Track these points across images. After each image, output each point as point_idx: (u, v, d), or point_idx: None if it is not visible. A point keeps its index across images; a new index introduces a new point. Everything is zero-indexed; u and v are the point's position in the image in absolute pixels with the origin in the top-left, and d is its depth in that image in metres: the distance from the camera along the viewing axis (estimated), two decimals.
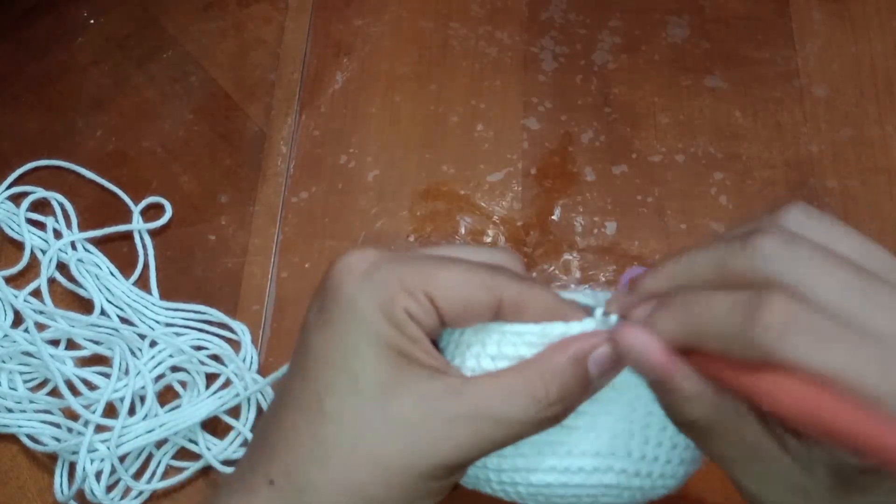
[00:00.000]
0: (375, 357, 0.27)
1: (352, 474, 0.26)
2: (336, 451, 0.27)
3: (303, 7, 0.64)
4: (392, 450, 0.26)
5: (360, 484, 0.26)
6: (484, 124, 0.59)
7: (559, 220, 0.56)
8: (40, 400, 0.51)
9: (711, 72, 0.59)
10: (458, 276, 0.27)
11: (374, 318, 0.27)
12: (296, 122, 0.60)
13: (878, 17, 0.60)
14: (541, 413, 0.27)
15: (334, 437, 0.27)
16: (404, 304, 0.27)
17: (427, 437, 0.26)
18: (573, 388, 0.28)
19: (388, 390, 0.27)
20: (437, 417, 0.26)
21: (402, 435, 0.26)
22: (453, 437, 0.26)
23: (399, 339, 0.27)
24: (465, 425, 0.26)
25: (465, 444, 0.26)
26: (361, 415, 0.27)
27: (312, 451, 0.27)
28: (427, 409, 0.26)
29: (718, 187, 0.56)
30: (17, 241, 0.57)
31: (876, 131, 0.56)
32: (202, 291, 0.55)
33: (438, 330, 0.28)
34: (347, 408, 0.27)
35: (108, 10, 0.65)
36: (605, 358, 0.28)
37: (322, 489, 0.26)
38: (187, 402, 0.51)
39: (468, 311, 0.27)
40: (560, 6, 0.62)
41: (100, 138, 0.61)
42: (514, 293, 0.28)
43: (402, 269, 0.27)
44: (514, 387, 0.27)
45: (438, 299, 0.27)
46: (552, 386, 0.27)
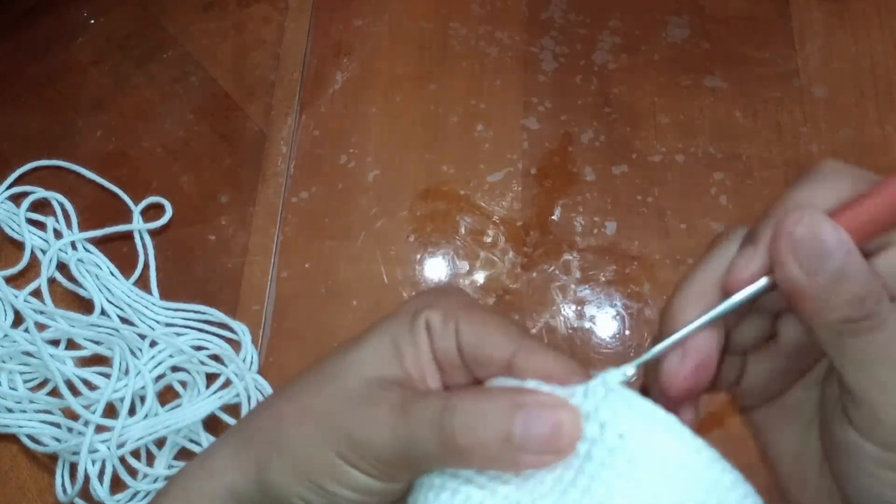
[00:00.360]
0: (374, 347, 0.27)
1: (299, 452, 0.26)
2: (296, 419, 0.27)
3: (303, 7, 0.64)
4: (325, 426, 0.26)
5: (303, 462, 0.26)
6: (484, 124, 0.59)
7: (559, 220, 0.56)
8: (40, 400, 0.51)
9: (711, 72, 0.59)
10: (492, 317, 0.27)
11: (400, 321, 0.27)
12: (296, 122, 0.60)
13: (878, 17, 0.60)
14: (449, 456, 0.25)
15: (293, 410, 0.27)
16: (428, 315, 0.27)
17: (349, 417, 0.26)
18: (490, 447, 0.24)
19: (353, 375, 0.27)
20: (379, 409, 0.26)
21: (340, 416, 0.26)
22: (369, 425, 0.25)
23: (403, 335, 0.27)
24: (398, 428, 0.25)
25: (400, 444, 0.25)
26: (318, 393, 0.27)
27: (270, 427, 0.27)
28: (364, 395, 0.26)
29: (718, 187, 0.56)
30: (17, 241, 0.57)
31: (876, 131, 0.56)
32: (202, 291, 0.55)
33: (455, 361, 0.27)
34: (313, 388, 0.27)
35: (108, 10, 0.65)
36: (535, 423, 0.24)
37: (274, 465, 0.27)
38: (187, 402, 0.51)
39: (483, 354, 0.26)
40: (560, 6, 0.62)
41: (100, 138, 0.61)
42: (533, 345, 0.26)
43: (454, 298, 0.27)
44: (397, 420, 0.25)
45: (463, 330, 0.26)
46: (434, 435, 0.25)
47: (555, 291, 0.54)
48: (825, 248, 0.23)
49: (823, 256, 0.23)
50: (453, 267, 0.55)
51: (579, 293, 0.54)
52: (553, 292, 0.54)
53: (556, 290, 0.54)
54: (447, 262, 0.55)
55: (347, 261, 0.56)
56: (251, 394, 0.51)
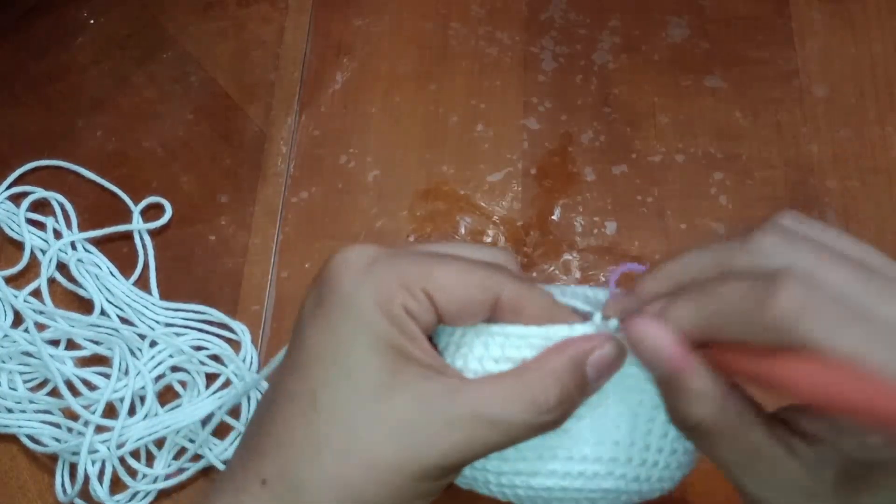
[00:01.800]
0: (372, 354, 0.26)
1: (344, 473, 0.26)
2: (329, 450, 0.26)
3: (303, 7, 0.64)
4: (386, 450, 0.26)
5: (353, 483, 0.26)
6: (484, 124, 0.59)
7: (559, 220, 0.56)
8: (40, 400, 0.51)
9: (711, 72, 0.59)
10: (456, 273, 0.27)
11: (372, 315, 0.26)
12: (296, 122, 0.60)
13: (878, 17, 0.60)
14: (539, 418, 0.27)
15: (327, 435, 0.26)
16: (402, 301, 0.26)
17: (422, 437, 0.26)
18: (572, 393, 0.27)
19: (384, 388, 0.26)
20: (434, 418, 0.26)
21: (397, 434, 0.26)
22: (449, 438, 0.26)
23: (396, 336, 0.26)
24: (461, 427, 0.26)
25: (462, 447, 0.26)
26: (356, 413, 0.26)
27: (305, 448, 0.27)
28: (424, 409, 0.26)
29: (718, 187, 0.56)
30: (17, 241, 0.57)
31: (876, 131, 0.56)
32: (202, 291, 0.55)
33: (434, 327, 0.28)
34: (342, 405, 0.26)
35: (108, 10, 0.65)
36: (604, 361, 0.28)
37: (314, 488, 0.26)
38: (187, 402, 0.51)
39: (466, 310, 0.27)
40: (560, 6, 0.62)
41: (100, 138, 0.61)
42: (513, 293, 0.28)
43: (400, 266, 0.27)
44: (513, 390, 0.27)
45: (436, 297, 0.27)
46: (551, 390, 0.27)
47: None
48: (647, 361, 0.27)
49: (648, 366, 0.27)
50: None
51: None
52: None
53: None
54: None
55: None
56: (251, 394, 0.51)
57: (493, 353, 0.29)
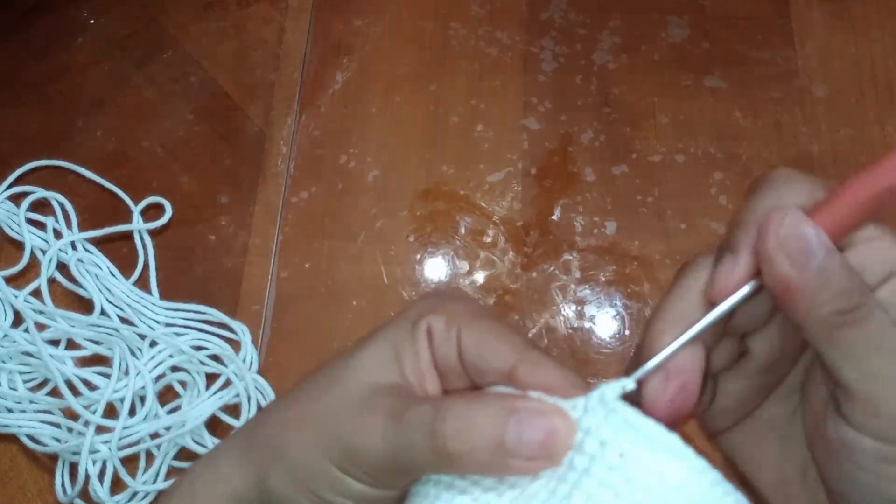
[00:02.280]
0: (374, 352, 0.27)
1: (298, 460, 0.26)
2: (289, 432, 0.27)
3: (303, 7, 0.64)
4: (322, 433, 0.26)
5: (301, 471, 0.26)
6: (484, 124, 0.59)
7: (559, 220, 0.56)
8: (40, 400, 0.51)
9: (711, 72, 0.59)
10: (496, 325, 0.27)
11: (402, 326, 0.27)
12: (296, 122, 0.60)
13: (878, 17, 0.60)
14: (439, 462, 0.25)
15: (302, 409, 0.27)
16: (430, 321, 0.26)
17: (345, 425, 0.26)
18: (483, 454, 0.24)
19: (353, 381, 0.27)
20: (345, 420, 0.26)
21: (338, 423, 0.26)
22: (363, 433, 0.25)
23: (404, 342, 0.27)
24: (392, 433, 0.25)
25: (391, 448, 0.25)
26: (318, 399, 0.27)
27: (272, 434, 0.27)
28: (346, 407, 0.26)
29: (718, 187, 0.56)
30: (17, 241, 0.57)
31: (876, 131, 0.56)
32: (202, 291, 0.55)
33: (456, 368, 0.27)
34: (313, 395, 0.27)
35: (108, 10, 0.65)
36: (533, 427, 0.24)
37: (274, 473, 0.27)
38: (187, 403, 0.51)
39: (484, 363, 0.26)
40: (560, 6, 0.62)
41: (100, 138, 0.61)
42: (535, 355, 0.26)
43: (459, 304, 0.27)
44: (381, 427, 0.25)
45: (465, 338, 0.26)
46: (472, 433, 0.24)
47: (555, 291, 0.54)
48: (810, 244, 0.24)
49: (809, 252, 0.24)
50: (453, 267, 0.55)
51: (579, 293, 0.54)
52: (553, 292, 0.54)
53: (556, 290, 0.54)
54: (447, 263, 0.55)
55: (347, 261, 0.56)
56: (251, 394, 0.51)
57: None
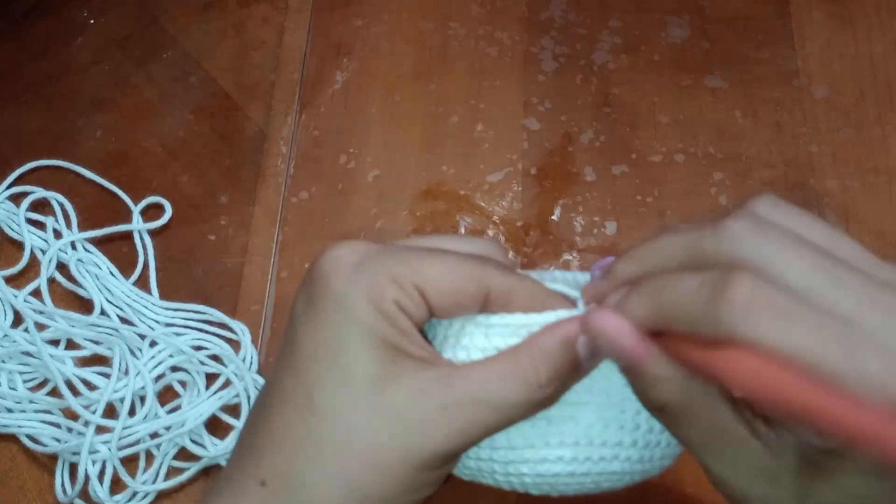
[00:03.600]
0: (366, 350, 0.27)
1: (346, 469, 0.26)
2: (329, 447, 0.26)
3: (303, 7, 0.64)
4: (386, 442, 0.26)
5: (355, 479, 0.26)
6: (484, 124, 0.59)
7: (559, 220, 0.56)
8: (40, 400, 0.51)
9: (711, 72, 0.59)
10: (447, 267, 0.27)
11: (365, 312, 0.27)
12: (296, 122, 0.60)
13: (878, 17, 0.60)
14: (532, 395, 0.27)
15: (326, 432, 0.27)
16: (394, 297, 0.27)
17: (420, 427, 0.26)
18: (564, 370, 0.28)
19: (380, 383, 0.26)
20: (430, 406, 0.26)
21: (396, 426, 0.26)
22: (446, 424, 0.26)
23: (390, 331, 0.27)
24: (457, 412, 0.26)
25: (459, 432, 0.26)
26: (353, 409, 0.26)
27: (304, 447, 0.27)
28: (419, 398, 0.26)
29: (718, 187, 0.56)
30: (17, 241, 0.57)
31: (876, 131, 0.56)
32: (202, 291, 0.55)
33: (426, 320, 0.28)
34: (338, 402, 0.27)
35: (108, 10, 0.65)
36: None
37: (316, 486, 0.26)
38: (187, 402, 0.51)
39: (457, 303, 0.28)
40: (560, 6, 0.62)
41: (100, 138, 0.61)
42: (503, 284, 0.28)
43: (391, 262, 0.27)
44: (506, 371, 0.27)
45: (428, 291, 0.27)
46: (542, 367, 0.27)
47: None
48: (609, 351, 0.26)
49: (611, 356, 0.27)
50: None
51: None
52: None
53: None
54: None
55: None
56: (251, 394, 0.51)
57: (480, 343, 0.29)
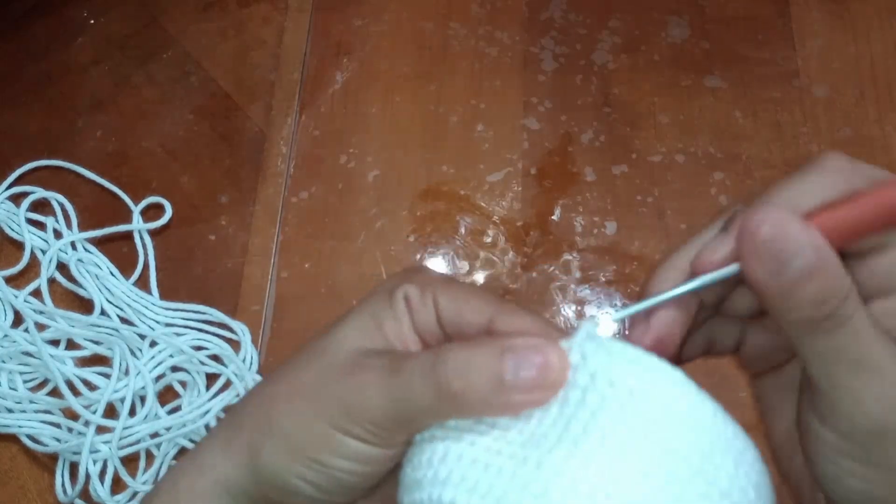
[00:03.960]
0: (357, 323, 0.28)
1: (292, 429, 0.27)
2: (281, 401, 0.27)
3: (303, 7, 0.64)
4: (316, 399, 0.26)
5: (296, 439, 0.27)
6: (484, 124, 0.59)
7: (559, 220, 0.56)
8: (40, 400, 0.51)
9: (711, 72, 0.59)
10: (467, 286, 0.28)
11: (379, 298, 0.28)
12: (296, 122, 0.60)
13: (878, 17, 0.60)
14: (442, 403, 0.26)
15: (283, 389, 0.27)
16: (406, 290, 0.28)
17: (339, 386, 0.26)
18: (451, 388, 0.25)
19: (339, 350, 0.27)
20: (363, 373, 0.26)
21: (330, 387, 0.27)
22: (361, 390, 0.26)
23: (384, 310, 0.27)
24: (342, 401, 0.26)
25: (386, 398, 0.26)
26: (313, 368, 0.27)
27: (259, 411, 0.27)
28: (354, 366, 0.26)
29: (718, 187, 0.56)
30: (17, 241, 0.57)
31: (876, 131, 0.56)
32: (202, 291, 0.55)
33: (435, 332, 0.28)
34: (299, 367, 0.27)
35: (108, 10, 0.65)
36: (531, 363, 0.25)
37: (268, 448, 0.27)
38: (187, 403, 0.51)
39: (463, 321, 0.27)
40: (560, 6, 0.62)
41: (100, 138, 0.61)
42: (511, 308, 0.27)
43: (430, 274, 0.28)
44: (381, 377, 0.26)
45: (441, 300, 0.27)
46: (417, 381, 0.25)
47: (555, 291, 0.54)
48: (788, 249, 0.23)
49: (785, 258, 0.24)
50: (453, 267, 0.55)
51: (579, 293, 0.54)
52: (553, 292, 0.54)
53: (556, 290, 0.54)
54: (447, 262, 0.55)
55: (347, 261, 0.56)
56: None
57: None
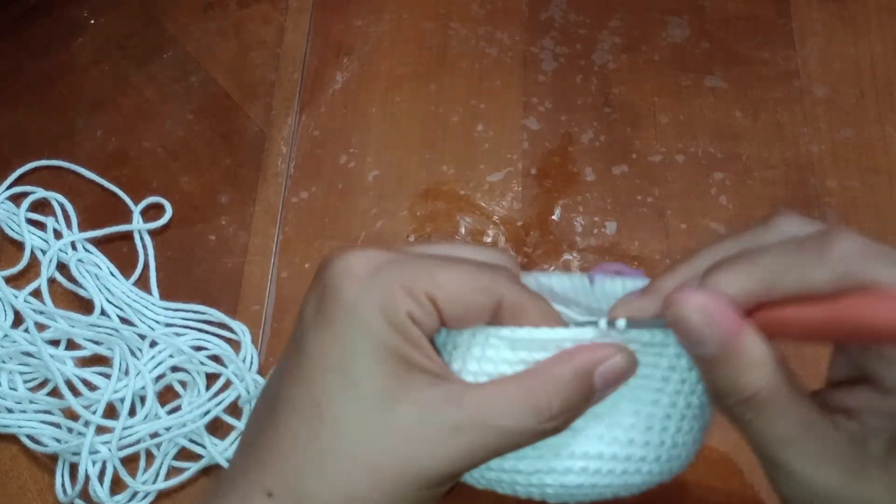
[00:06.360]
0: (376, 362, 0.26)
1: (351, 483, 0.26)
2: (335, 460, 0.26)
3: (303, 7, 0.64)
4: (391, 459, 0.26)
5: (359, 494, 0.26)
6: (484, 124, 0.59)
7: (559, 220, 0.56)
8: (40, 400, 0.51)
9: (711, 72, 0.59)
10: (460, 276, 0.27)
11: (377, 323, 0.26)
12: (296, 122, 0.60)
13: (878, 17, 0.60)
14: (541, 425, 0.27)
15: (333, 445, 0.26)
16: (406, 308, 0.26)
17: (426, 445, 0.26)
18: (576, 401, 0.27)
19: (389, 397, 0.26)
20: (437, 426, 0.26)
21: (402, 444, 0.26)
22: (452, 445, 0.26)
23: (401, 343, 0.26)
24: (464, 434, 0.26)
25: (464, 453, 0.26)
26: (361, 422, 0.26)
27: (310, 459, 0.26)
28: (428, 417, 0.26)
29: (718, 187, 0.56)
30: (17, 241, 0.57)
31: (876, 131, 0.56)
32: (202, 291, 0.55)
33: (438, 330, 0.28)
34: (347, 415, 0.26)
35: (108, 10, 0.65)
36: (614, 371, 0.27)
37: (320, 499, 0.26)
38: (187, 403, 0.51)
39: (469, 313, 0.27)
40: (560, 6, 0.62)
41: (100, 138, 0.61)
42: (515, 297, 0.27)
43: (404, 271, 0.27)
44: (517, 397, 0.27)
45: (440, 301, 0.26)
46: (555, 399, 0.27)
47: None
48: (694, 335, 0.25)
49: (693, 341, 0.25)
50: None
51: None
52: None
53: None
54: None
55: None
56: (252, 394, 0.51)
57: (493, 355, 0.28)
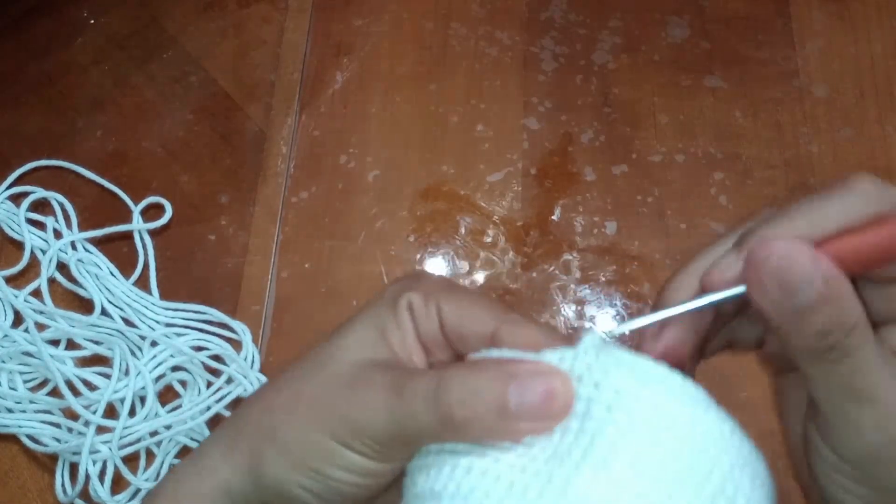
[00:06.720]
0: (360, 332, 0.27)
1: (294, 440, 0.26)
2: (282, 414, 0.27)
3: (303, 7, 0.64)
4: (318, 411, 0.26)
5: (298, 449, 0.26)
6: (484, 124, 0.59)
7: (559, 220, 0.56)
8: (40, 400, 0.51)
9: (711, 72, 0.59)
10: (471, 294, 0.28)
11: (382, 306, 0.28)
12: (296, 122, 0.60)
13: (878, 17, 0.60)
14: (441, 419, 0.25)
15: (285, 400, 0.27)
16: (409, 298, 0.27)
17: (342, 399, 0.26)
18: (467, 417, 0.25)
19: (342, 360, 0.27)
20: (360, 388, 0.26)
21: (333, 400, 0.26)
22: (363, 406, 0.26)
23: (387, 319, 0.27)
24: (364, 397, 0.26)
25: (376, 412, 0.26)
26: (308, 381, 0.27)
27: (262, 419, 0.27)
28: (356, 375, 0.26)
29: (718, 187, 0.56)
30: (17, 241, 0.57)
31: (876, 131, 0.56)
32: (202, 291, 0.55)
33: (438, 340, 0.28)
34: (302, 377, 0.27)
35: (108, 10, 0.65)
36: (535, 395, 0.24)
37: (269, 456, 0.27)
38: (188, 402, 0.51)
39: (466, 330, 0.27)
40: (560, 6, 0.62)
41: (100, 138, 0.61)
42: (512, 325, 0.27)
43: (432, 281, 0.28)
44: (385, 399, 0.25)
45: (445, 308, 0.27)
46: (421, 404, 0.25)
47: (555, 291, 0.54)
48: (793, 281, 0.23)
49: (791, 289, 0.23)
50: (453, 267, 0.55)
51: (579, 293, 0.54)
52: (553, 292, 0.54)
53: (556, 290, 0.54)
54: (447, 262, 0.55)
55: (347, 261, 0.56)
56: None
57: None
